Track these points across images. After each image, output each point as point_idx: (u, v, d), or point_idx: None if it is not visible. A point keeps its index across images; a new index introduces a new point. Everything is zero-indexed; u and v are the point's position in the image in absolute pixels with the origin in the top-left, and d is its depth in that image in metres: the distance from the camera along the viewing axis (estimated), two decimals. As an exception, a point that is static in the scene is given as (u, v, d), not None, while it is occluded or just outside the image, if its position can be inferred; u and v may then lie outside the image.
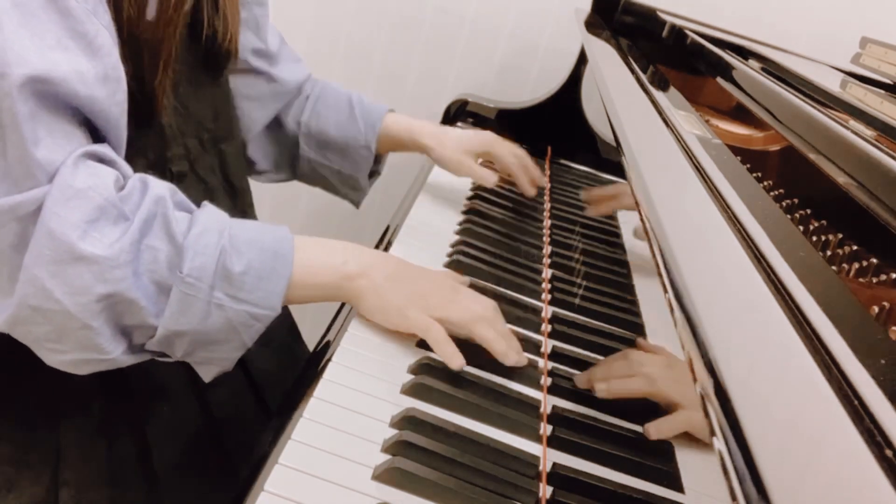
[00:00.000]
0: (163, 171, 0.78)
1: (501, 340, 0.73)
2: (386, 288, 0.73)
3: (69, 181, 0.61)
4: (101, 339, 0.64)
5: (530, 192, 1.12)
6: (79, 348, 0.65)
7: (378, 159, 1.12)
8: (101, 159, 0.65)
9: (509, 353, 0.72)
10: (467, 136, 1.10)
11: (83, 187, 0.61)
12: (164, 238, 0.65)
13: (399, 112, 1.10)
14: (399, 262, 0.77)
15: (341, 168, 1.09)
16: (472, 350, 0.72)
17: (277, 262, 0.69)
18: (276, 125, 1.08)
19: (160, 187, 0.67)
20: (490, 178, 1.06)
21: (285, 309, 1.03)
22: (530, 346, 0.78)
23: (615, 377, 0.72)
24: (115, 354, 0.66)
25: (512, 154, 1.12)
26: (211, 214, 0.69)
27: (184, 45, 0.80)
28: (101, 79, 0.64)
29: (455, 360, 0.70)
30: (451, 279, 0.80)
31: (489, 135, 1.13)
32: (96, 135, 0.67)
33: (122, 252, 0.62)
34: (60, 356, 0.66)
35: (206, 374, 0.72)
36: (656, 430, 0.66)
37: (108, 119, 0.66)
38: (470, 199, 1.12)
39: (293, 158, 1.10)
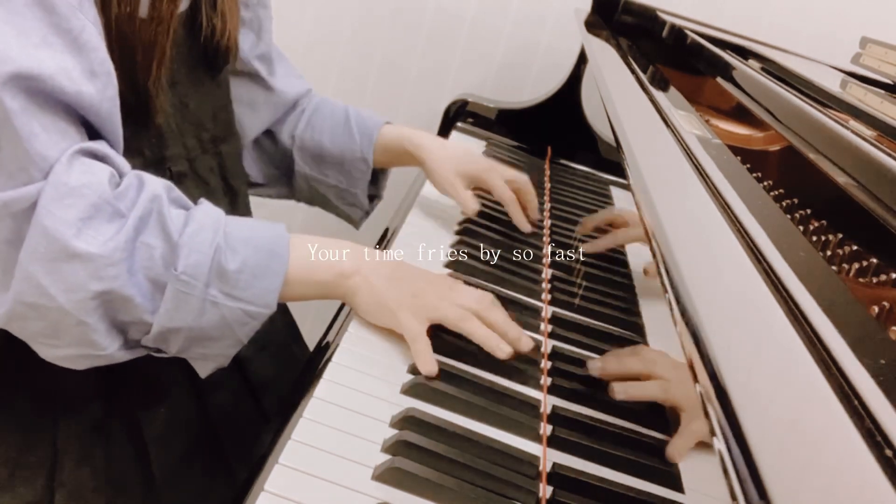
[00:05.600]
0: (162, 171, 0.78)
1: (492, 336, 0.72)
2: (380, 287, 0.73)
3: (63, 178, 0.61)
4: (96, 336, 0.64)
5: (525, 227, 1.02)
6: (74, 344, 0.65)
7: (377, 178, 1.08)
8: (97, 156, 0.65)
9: (501, 346, 0.72)
10: (465, 157, 1.04)
11: (77, 185, 0.61)
12: (160, 235, 0.65)
13: (399, 112, 1.09)
14: (395, 261, 0.77)
15: (338, 183, 1.06)
16: (473, 350, 0.73)
17: (273, 260, 0.69)
18: (269, 139, 1.06)
19: (156, 184, 0.67)
20: (471, 207, 0.99)
21: (285, 310, 1.03)
22: (530, 346, 0.78)
23: (628, 374, 0.72)
24: (111, 350, 0.66)
25: (505, 186, 1.02)
26: (207, 212, 0.69)
27: (183, 44, 0.80)
28: (88, 74, 0.64)
29: (427, 367, 0.69)
30: (448, 279, 0.80)
31: (487, 162, 1.06)
32: (91, 132, 0.67)
33: (117, 250, 0.62)
34: (56, 351, 0.66)
35: (202, 370, 0.72)
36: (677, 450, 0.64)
37: (100, 114, 0.66)
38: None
39: (289, 175, 1.07)
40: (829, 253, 0.61)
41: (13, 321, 0.65)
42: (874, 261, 0.56)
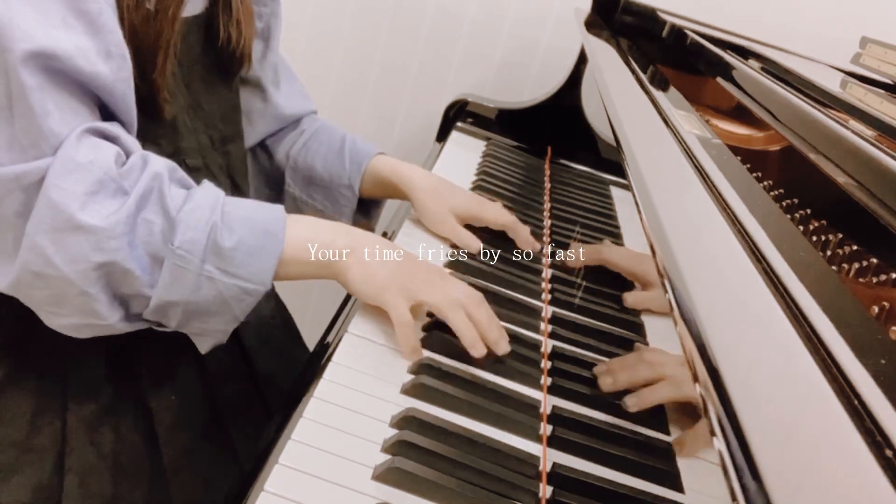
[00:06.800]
0: (177, 163, 0.79)
1: (472, 330, 0.72)
2: (373, 266, 0.75)
3: (71, 154, 0.64)
4: (98, 306, 0.67)
5: (535, 246, 0.99)
6: (77, 313, 0.68)
7: (367, 208, 1.08)
8: (105, 136, 0.68)
9: (476, 344, 0.72)
10: (457, 196, 1.00)
11: (85, 161, 0.64)
12: (159, 212, 0.67)
13: (399, 112, 1.10)
14: (388, 243, 0.79)
15: (323, 208, 1.05)
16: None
17: (268, 238, 0.71)
18: (265, 154, 1.07)
19: (159, 164, 0.69)
20: (475, 245, 0.95)
21: (284, 311, 1.04)
22: (530, 346, 0.78)
23: (639, 382, 0.72)
24: (112, 321, 0.69)
25: (500, 214, 1.01)
26: (207, 192, 0.71)
27: (199, 48, 0.83)
28: (104, 55, 0.66)
29: (411, 354, 0.72)
30: (442, 270, 0.80)
31: (475, 196, 1.04)
32: (106, 112, 0.70)
33: (119, 224, 0.65)
34: (60, 319, 0.69)
35: (203, 346, 0.75)
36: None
37: (114, 94, 0.68)
38: (470, 199, 1.12)
39: (279, 193, 1.08)
40: (829, 253, 0.61)
41: (20, 288, 0.67)
42: (874, 261, 0.56)
